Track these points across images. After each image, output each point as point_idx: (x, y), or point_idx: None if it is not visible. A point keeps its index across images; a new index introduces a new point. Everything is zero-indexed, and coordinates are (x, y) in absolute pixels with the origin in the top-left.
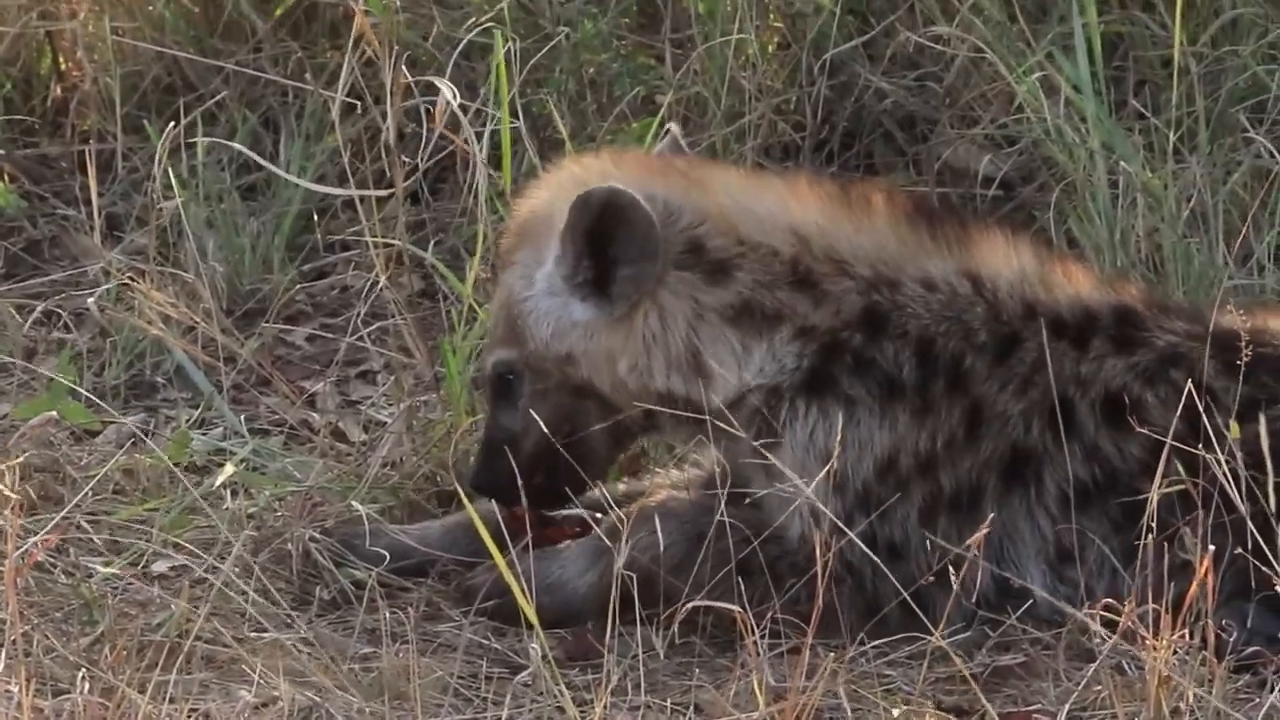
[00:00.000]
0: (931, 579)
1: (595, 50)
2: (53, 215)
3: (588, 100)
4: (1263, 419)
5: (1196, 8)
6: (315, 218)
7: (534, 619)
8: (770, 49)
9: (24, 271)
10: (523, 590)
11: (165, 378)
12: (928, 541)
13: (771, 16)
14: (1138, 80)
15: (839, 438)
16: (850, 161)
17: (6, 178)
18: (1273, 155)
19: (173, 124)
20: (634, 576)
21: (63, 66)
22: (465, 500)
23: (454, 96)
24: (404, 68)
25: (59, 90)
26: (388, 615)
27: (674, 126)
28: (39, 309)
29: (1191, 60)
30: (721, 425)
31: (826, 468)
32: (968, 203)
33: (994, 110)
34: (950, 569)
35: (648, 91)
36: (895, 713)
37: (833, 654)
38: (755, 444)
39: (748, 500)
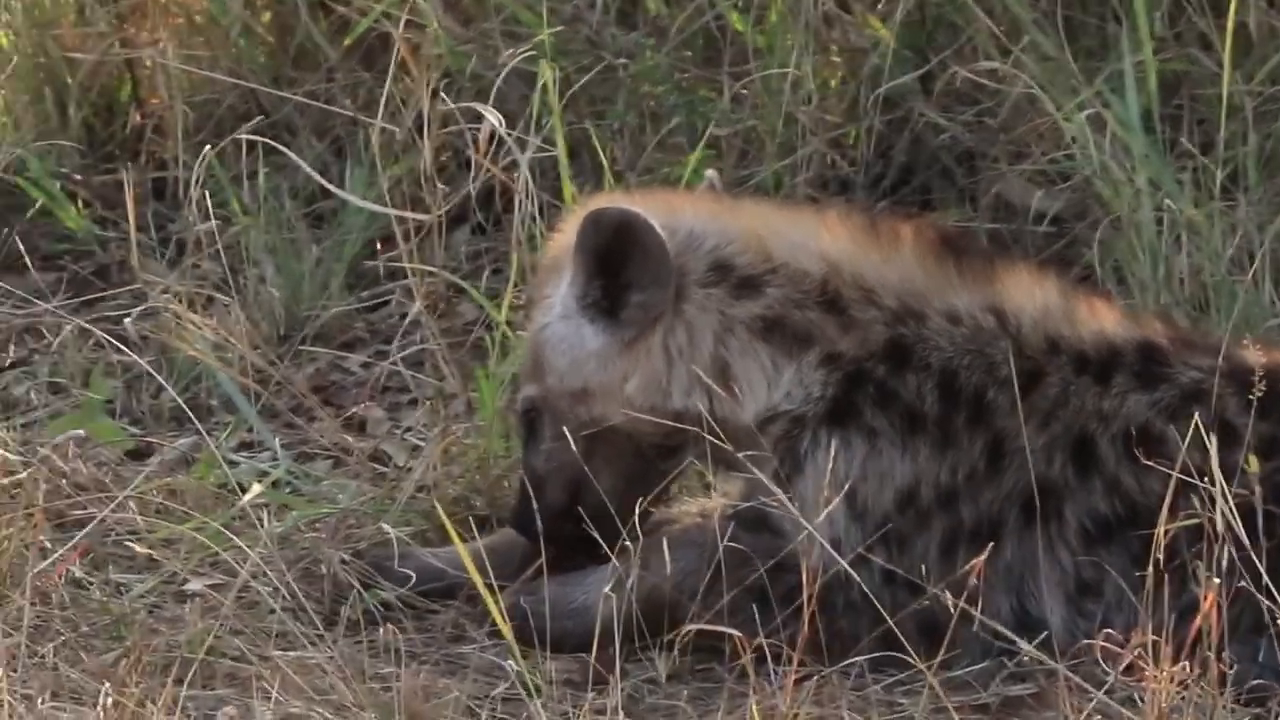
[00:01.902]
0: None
1: (655, 82)
2: (125, 240)
3: (647, 133)
4: None
5: (1255, 46)
6: (379, 246)
7: (511, 640)
8: (834, 84)
9: (91, 295)
10: (521, 617)
11: (220, 401)
12: (947, 573)
13: (830, 51)
14: (1195, 118)
15: (860, 469)
16: (907, 197)
17: (81, 203)
18: None
19: (209, 149)
20: (655, 602)
21: (141, 94)
22: (454, 536)
23: (500, 124)
24: (444, 96)
25: (138, 117)
26: (412, 635)
27: (712, 173)
28: (96, 332)
29: (1246, 98)
30: (740, 453)
31: (839, 498)
32: (1019, 239)
33: (1046, 146)
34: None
35: (704, 124)
36: None
37: (848, 681)
38: (778, 472)
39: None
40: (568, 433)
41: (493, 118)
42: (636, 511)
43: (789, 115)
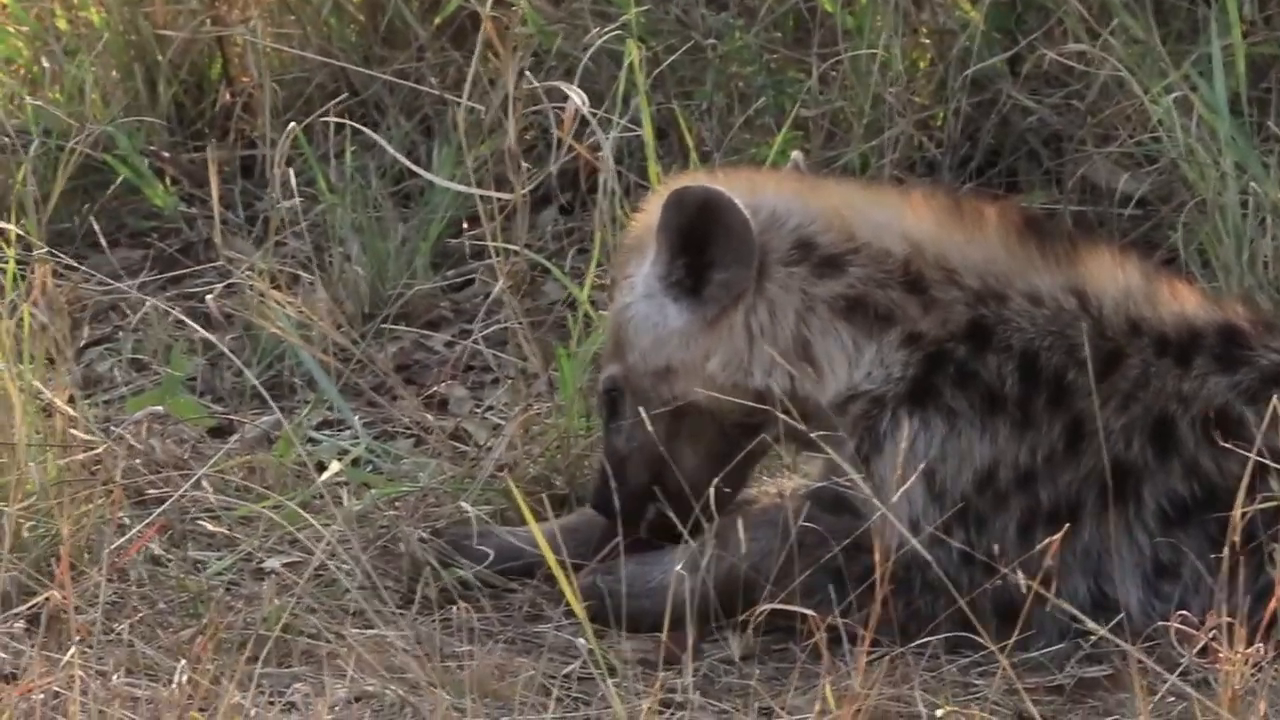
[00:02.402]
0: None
1: (743, 63)
2: (211, 218)
3: (735, 114)
4: None
5: None
6: (465, 225)
7: (584, 619)
8: (922, 65)
9: (178, 272)
10: (598, 596)
11: (302, 379)
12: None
13: (919, 32)
14: None
15: (940, 449)
16: (993, 179)
17: (169, 181)
18: None
19: (293, 125)
20: (732, 582)
21: (231, 72)
22: (528, 515)
23: (584, 103)
24: (530, 75)
25: (228, 95)
26: (488, 614)
27: (797, 154)
28: (175, 312)
29: None
30: (821, 435)
31: (917, 477)
32: (1105, 221)
33: (1132, 129)
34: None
35: (791, 105)
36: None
37: (922, 661)
38: (857, 452)
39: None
40: (647, 412)
41: (576, 97)
42: (714, 492)
43: (877, 96)
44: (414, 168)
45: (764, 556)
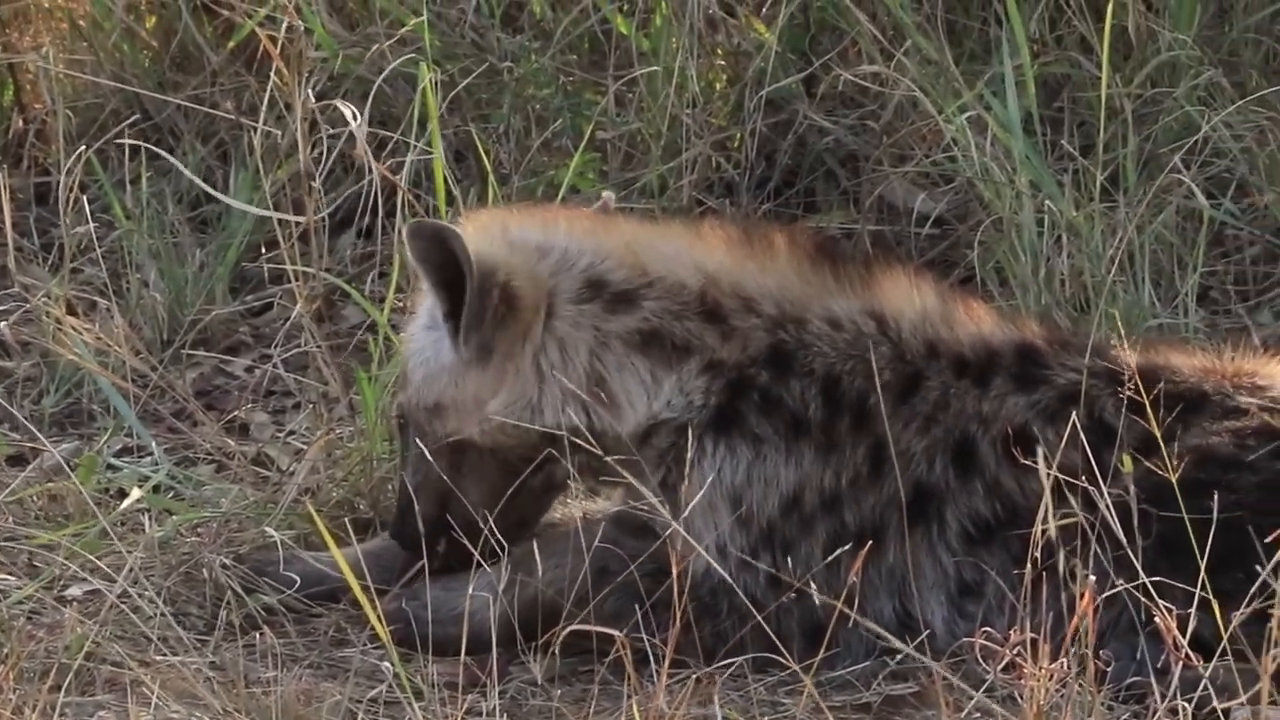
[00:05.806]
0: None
1: (539, 85)
2: (5, 245)
3: (532, 136)
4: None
5: (1135, 50)
6: (264, 250)
7: (389, 643)
8: (718, 86)
9: None
10: (403, 620)
11: (102, 406)
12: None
13: (715, 54)
14: (1077, 121)
15: (745, 475)
16: (791, 199)
17: None
18: (1206, 196)
19: (84, 148)
20: (538, 607)
21: (24, 99)
22: (329, 541)
23: (356, 121)
24: (311, 95)
25: (21, 122)
26: (293, 639)
27: (608, 194)
28: None
29: (1126, 101)
30: (618, 470)
31: (724, 503)
32: (902, 241)
33: (928, 148)
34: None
35: (588, 127)
36: None
37: (731, 681)
38: (664, 482)
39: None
40: (427, 447)
41: (349, 115)
42: (506, 524)
43: (673, 118)
44: (210, 190)
45: (567, 581)
